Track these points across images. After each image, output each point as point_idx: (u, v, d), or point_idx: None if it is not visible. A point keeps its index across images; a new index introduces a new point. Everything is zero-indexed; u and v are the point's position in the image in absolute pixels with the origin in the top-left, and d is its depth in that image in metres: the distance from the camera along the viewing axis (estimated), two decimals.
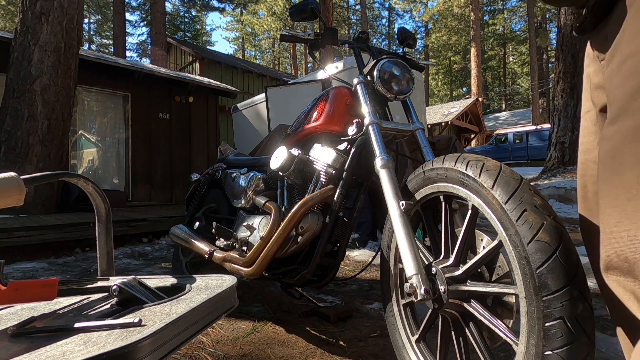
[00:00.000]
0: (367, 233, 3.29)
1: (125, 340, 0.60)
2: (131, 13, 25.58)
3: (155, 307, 0.79)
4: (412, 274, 0.95)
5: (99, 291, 0.94)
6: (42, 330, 0.71)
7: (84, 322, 0.69)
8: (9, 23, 20.50)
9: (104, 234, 1.10)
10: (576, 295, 0.72)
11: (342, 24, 28.73)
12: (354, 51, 1.52)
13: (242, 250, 1.64)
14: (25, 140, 4.61)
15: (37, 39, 4.71)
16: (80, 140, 6.98)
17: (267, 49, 34.34)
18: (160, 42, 14.14)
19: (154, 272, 2.78)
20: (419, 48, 31.10)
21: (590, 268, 0.76)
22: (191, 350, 1.41)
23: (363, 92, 1.33)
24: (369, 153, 1.27)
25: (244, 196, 1.77)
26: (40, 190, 4.69)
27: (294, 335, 1.54)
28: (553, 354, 0.72)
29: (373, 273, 2.49)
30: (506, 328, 0.86)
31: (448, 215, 1.04)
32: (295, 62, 31.56)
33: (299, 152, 1.49)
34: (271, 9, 26.25)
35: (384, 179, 1.13)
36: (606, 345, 1.36)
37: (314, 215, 1.37)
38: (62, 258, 3.32)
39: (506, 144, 16.88)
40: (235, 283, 0.94)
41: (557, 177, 6.15)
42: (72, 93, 5.10)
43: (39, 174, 0.94)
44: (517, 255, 0.79)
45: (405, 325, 1.16)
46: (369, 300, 1.96)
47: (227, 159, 2.19)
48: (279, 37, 5.09)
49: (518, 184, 0.83)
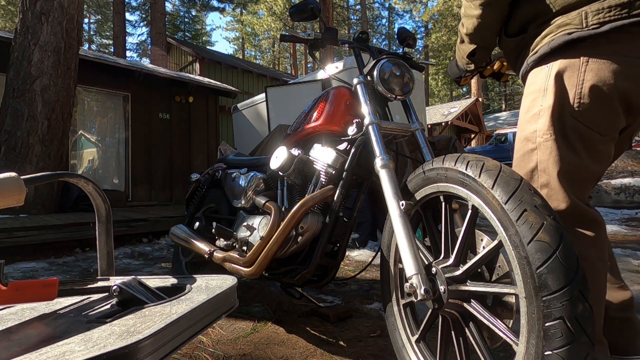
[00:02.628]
0: (367, 233, 3.29)
1: (125, 340, 0.60)
2: (131, 13, 25.60)
3: (156, 307, 0.79)
4: (412, 274, 0.95)
5: (99, 291, 0.94)
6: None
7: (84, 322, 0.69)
8: (9, 23, 20.50)
9: (104, 234, 1.10)
10: (576, 295, 0.72)
11: (342, 24, 28.72)
12: (354, 51, 1.52)
13: (242, 250, 1.64)
14: (25, 140, 4.61)
15: (37, 39, 4.71)
16: (80, 140, 6.98)
17: (267, 49, 34.33)
18: (160, 42, 14.14)
19: (154, 272, 2.78)
20: (419, 48, 31.08)
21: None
22: (191, 350, 1.41)
23: (363, 92, 1.33)
24: (369, 153, 1.27)
25: (244, 196, 1.77)
26: (40, 190, 4.69)
27: (294, 335, 1.54)
28: (553, 354, 0.72)
29: (373, 273, 2.49)
30: (506, 328, 0.86)
31: (448, 215, 1.04)
32: (295, 62, 31.55)
33: (299, 152, 1.49)
34: (271, 9, 26.24)
35: (384, 179, 1.13)
36: None
37: (314, 215, 1.37)
38: (62, 258, 3.32)
39: (506, 144, 16.85)
40: (235, 283, 0.94)
41: None
42: (72, 93, 5.10)
43: (39, 174, 0.94)
44: (517, 255, 0.79)
45: (405, 325, 1.16)
46: (369, 300, 1.96)
47: (227, 159, 2.19)
48: (279, 37, 5.09)
49: (518, 184, 0.83)
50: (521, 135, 1.03)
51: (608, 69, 0.90)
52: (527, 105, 1.02)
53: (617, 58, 0.90)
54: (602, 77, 0.91)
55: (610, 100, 0.92)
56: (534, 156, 0.99)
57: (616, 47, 0.91)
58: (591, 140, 0.94)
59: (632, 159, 5.75)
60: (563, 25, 0.94)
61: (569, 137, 0.94)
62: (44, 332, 0.72)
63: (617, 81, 0.90)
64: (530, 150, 1.00)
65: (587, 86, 0.92)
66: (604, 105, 0.92)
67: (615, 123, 0.95)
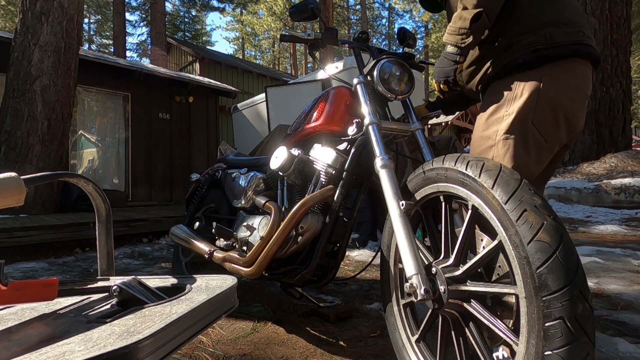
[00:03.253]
0: (367, 233, 3.28)
1: (125, 340, 0.60)
2: (131, 13, 25.59)
3: (156, 307, 0.79)
4: (412, 274, 0.95)
5: (99, 291, 0.94)
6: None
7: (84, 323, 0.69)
8: (9, 23, 20.49)
9: (104, 234, 1.10)
10: (576, 295, 0.72)
11: (342, 24, 28.71)
12: (354, 51, 1.52)
13: (242, 250, 1.64)
14: (25, 140, 4.61)
15: (37, 39, 4.71)
16: (80, 140, 6.98)
17: (267, 49, 34.31)
18: (160, 42, 14.15)
19: (154, 272, 2.78)
20: (419, 48, 31.09)
21: (590, 268, 0.82)
22: (191, 350, 1.41)
23: (363, 92, 1.33)
24: (369, 153, 1.27)
25: (244, 196, 1.77)
26: (40, 190, 4.69)
27: (294, 335, 1.54)
28: (553, 354, 0.72)
29: (373, 273, 2.49)
30: (506, 328, 0.86)
31: (448, 215, 1.04)
32: (295, 62, 31.55)
33: (299, 152, 1.49)
34: (271, 9, 26.24)
35: (384, 179, 1.13)
36: (606, 345, 1.36)
37: (314, 215, 1.37)
38: (62, 258, 3.32)
39: None
40: (235, 283, 0.94)
41: (557, 177, 6.15)
42: (72, 93, 5.10)
43: (39, 174, 0.94)
44: (517, 255, 0.79)
45: (405, 325, 1.16)
46: (369, 300, 1.96)
47: (227, 159, 2.19)
48: (279, 37, 5.09)
49: (518, 184, 0.83)
50: (480, 134, 1.17)
51: (560, 90, 1.08)
52: (491, 110, 1.15)
53: (566, 83, 1.08)
54: (556, 96, 1.08)
55: (557, 114, 1.09)
56: (491, 152, 1.13)
57: (568, 76, 1.09)
58: (540, 145, 1.10)
59: (632, 159, 5.75)
60: (531, 43, 1.08)
61: (526, 140, 1.09)
62: (44, 332, 0.72)
63: (564, 99, 1.09)
64: (489, 146, 1.14)
65: (544, 100, 1.07)
66: (553, 117, 1.09)
67: (558, 134, 1.12)
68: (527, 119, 1.09)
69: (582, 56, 1.10)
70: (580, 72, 1.11)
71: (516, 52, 1.10)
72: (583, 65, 1.11)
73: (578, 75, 1.11)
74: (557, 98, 1.08)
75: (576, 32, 1.08)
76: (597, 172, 5.81)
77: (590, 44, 1.11)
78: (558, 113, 1.09)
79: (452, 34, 1.14)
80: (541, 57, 1.07)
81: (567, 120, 1.11)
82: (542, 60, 1.08)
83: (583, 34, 1.09)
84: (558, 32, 1.07)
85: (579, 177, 5.89)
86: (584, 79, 1.12)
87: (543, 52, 1.07)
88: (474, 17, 1.07)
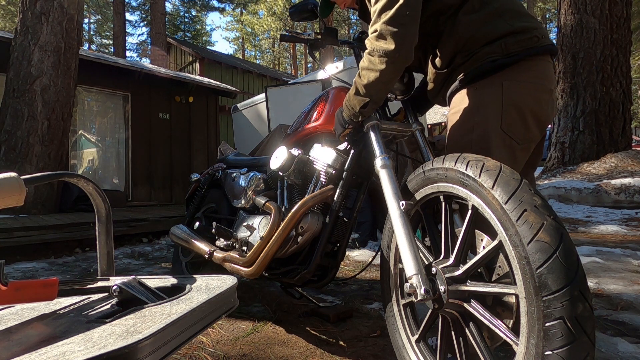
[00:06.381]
0: (367, 233, 3.28)
1: (125, 340, 0.60)
2: (131, 13, 25.60)
3: (156, 307, 0.79)
4: (412, 274, 0.95)
5: (99, 291, 0.94)
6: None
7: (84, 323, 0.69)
8: (9, 23, 20.49)
9: (104, 234, 1.10)
10: (576, 295, 0.72)
11: (342, 24, 28.72)
12: (354, 51, 1.52)
13: (242, 250, 1.64)
14: (25, 140, 4.62)
15: (37, 39, 4.71)
16: (80, 140, 6.98)
17: (267, 49, 34.32)
18: (160, 42, 14.16)
19: (154, 272, 2.78)
20: None
21: (590, 268, 0.81)
22: (191, 350, 1.41)
23: None
24: (369, 153, 1.27)
25: (244, 196, 1.77)
26: (40, 190, 4.69)
27: (294, 335, 1.54)
28: (553, 354, 0.72)
29: (373, 273, 2.49)
30: (506, 328, 0.86)
31: (448, 215, 1.04)
32: (295, 62, 31.55)
33: (299, 152, 1.49)
34: (271, 9, 26.23)
35: (384, 179, 1.13)
36: (606, 345, 1.36)
37: (314, 215, 1.37)
38: (62, 258, 3.32)
39: None
40: (235, 283, 0.94)
41: (557, 177, 6.14)
42: (72, 93, 5.10)
43: (39, 174, 0.94)
44: (517, 255, 0.79)
45: (405, 325, 1.16)
46: (369, 300, 1.96)
47: (227, 159, 2.19)
48: (279, 37, 5.09)
49: (518, 184, 0.83)
50: (455, 145, 1.20)
51: (522, 91, 1.12)
52: (460, 120, 1.19)
53: (527, 83, 1.12)
54: (519, 97, 1.11)
55: (524, 115, 1.12)
56: None
57: (527, 74, 1.12)
58: (512, 148, 1.14)
59: (632, 159, 5.74)
60: (488, 53, 1.13)
61: (498, 145, 1.13)
62: (44, 332, 0.72)
63: (528, 101, 1.12)
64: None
65: (508, 104, 1.11)
66: (521, 119, 1.12)
67: (529, 134, 1.15)
68: (495, 125, 1.12)
69: (539, 53, 1.13)
70: (540, 68, 1.14)
71: (475, 63, 1.15)
72: (541, 61, 1.14)
73: (538, 72, 1.13)
74: (521, 99, 1.11)
75: (530, 38, 1.12)
76: (597, 172, 5.80)
77: (546, 43, 1.14)
78: (525, 114, 1.12)
79: (347, 106, 1.26)
80: (498, 66, 1.12)
81: (536, 117, 1.14)
82: (501, 68, 1.12)
83: (538, 39, 1.13)
84: (514, 41, 1.11)
85: (579, 177, 5.88)
86: (544, 74, 1.14)
87: (499, 62, 1.11)
88: (362, 105, 1.19)
